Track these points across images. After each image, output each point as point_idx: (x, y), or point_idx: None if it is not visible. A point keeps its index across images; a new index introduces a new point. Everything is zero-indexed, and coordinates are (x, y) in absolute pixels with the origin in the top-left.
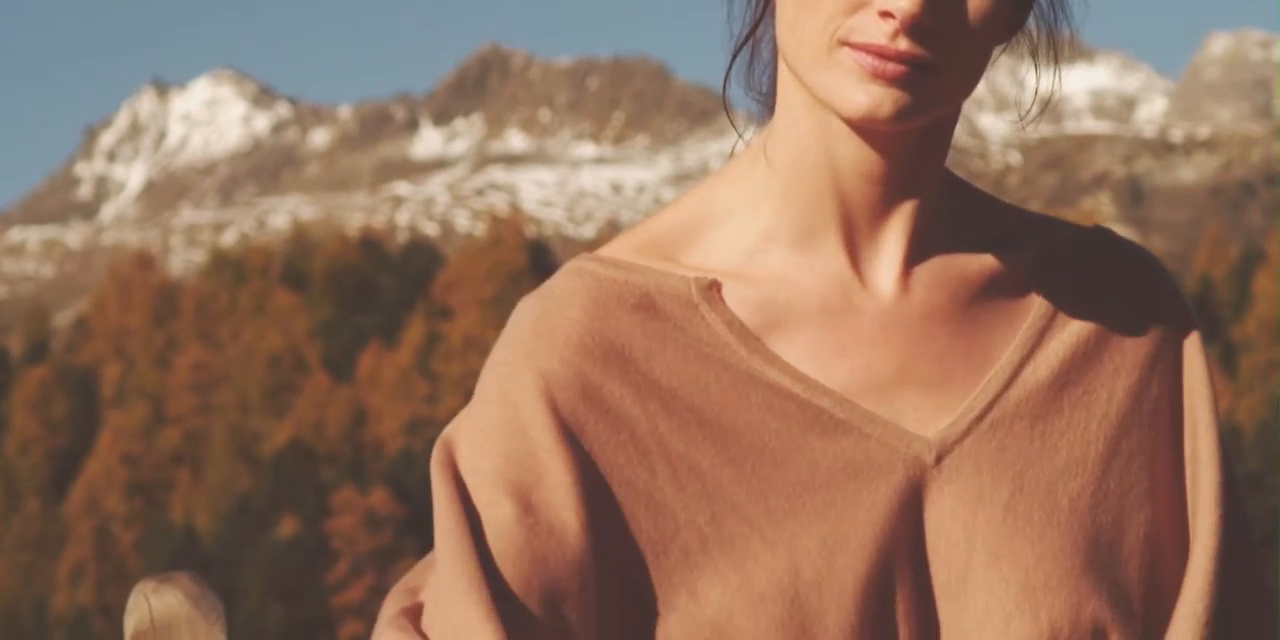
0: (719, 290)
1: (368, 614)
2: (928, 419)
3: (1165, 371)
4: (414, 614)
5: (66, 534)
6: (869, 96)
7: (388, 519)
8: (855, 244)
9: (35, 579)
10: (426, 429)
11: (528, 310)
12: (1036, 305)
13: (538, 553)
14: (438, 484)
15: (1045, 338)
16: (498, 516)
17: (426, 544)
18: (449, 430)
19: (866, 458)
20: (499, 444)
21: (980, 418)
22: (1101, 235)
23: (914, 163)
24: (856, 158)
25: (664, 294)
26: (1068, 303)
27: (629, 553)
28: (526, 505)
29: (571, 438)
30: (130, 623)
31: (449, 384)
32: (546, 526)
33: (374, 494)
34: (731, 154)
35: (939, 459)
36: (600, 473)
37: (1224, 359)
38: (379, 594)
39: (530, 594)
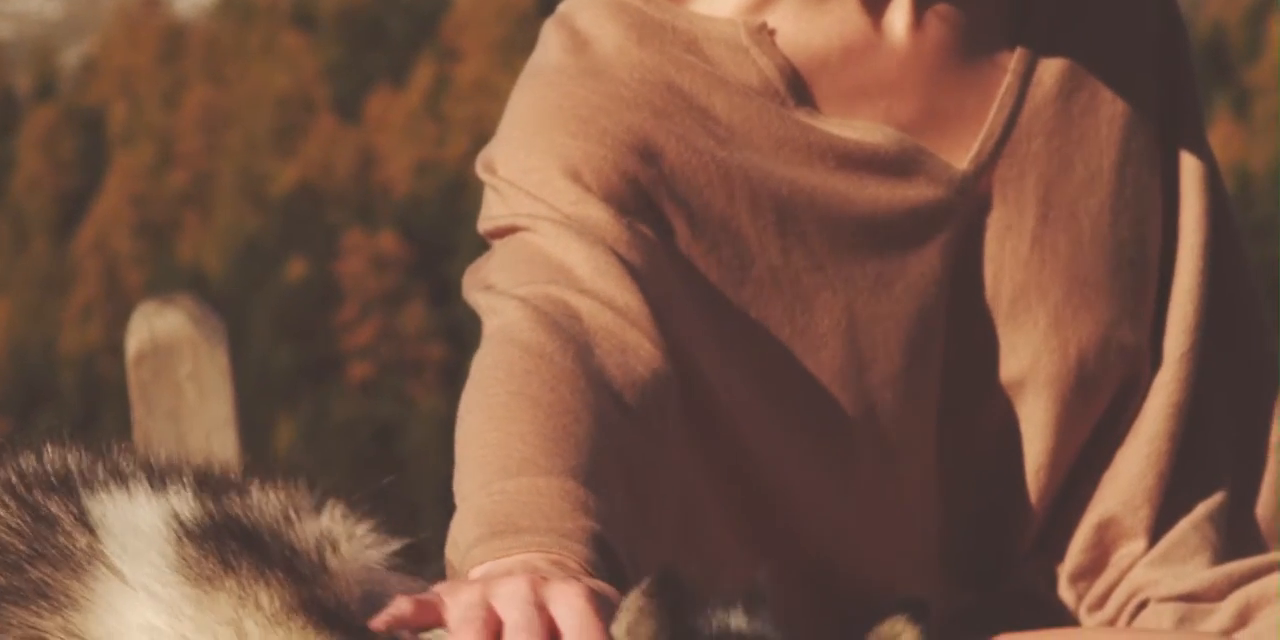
0: (771, 34)
1: (375, 356)
2: (951, 154)
3: (1154, 61)
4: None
5: (74, 274)
6: None
7: (395, 261)
8: None
9: (43, 319)
10: (435, 172)
11: (574, 38)
12: (1033, 14)
13: (643, 251)
14: (500, 184)
15: (1045, 48)
16: (590, 214)
17: (434, 287)
18: (489, 149)
19: (919, 196)
20: (571, 148)
21: (1000, 143)
22: None
23: None
24: None
25: (711, 39)
26: (1061, 5)
27: (709, 278)
28: (614, 207)
29: (651, 155)
30: (132, 344)
31: (457, 127)
32: (640, 231)
33: (382, 236)
34: None
35: (969, 191)
36: (680, 194)
37: (1236, 105)
38: (387, 336)
39: (649, 287)
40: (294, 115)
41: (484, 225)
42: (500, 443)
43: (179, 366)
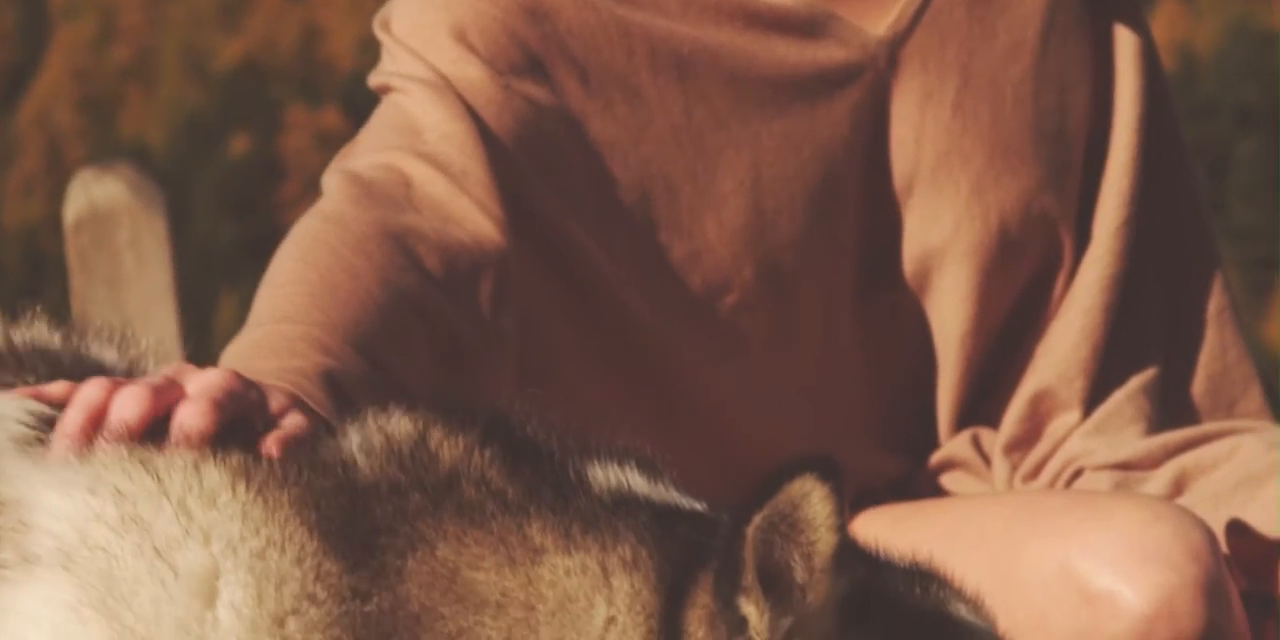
0: None
1: None
2: (871, 19)
3: None
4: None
5: (15, 148)
6: None
7: (338, 138)
8: None
9: None
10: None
11: None
12: None
13: (519, 113)
14: (389, 42)
15: None
16: (467, 74)
17: None
18: (388, 7)
19: (829, 58)
20: (463, 7)
21: (920, 10)
22: None
23: None
24: None
25: None
26: None
27: (603, 136)
28: (496, 68)
29: (545, 14)
30: (71, 212)
31: None
32: (521, 92)
33: (325, 112)
34: None
35: (888, 58)
36: (574, 52)
37: None
38: None
39: (519, 150)
40: None
41: (371, 80)
42: (268, 304)
43: (117, 234)
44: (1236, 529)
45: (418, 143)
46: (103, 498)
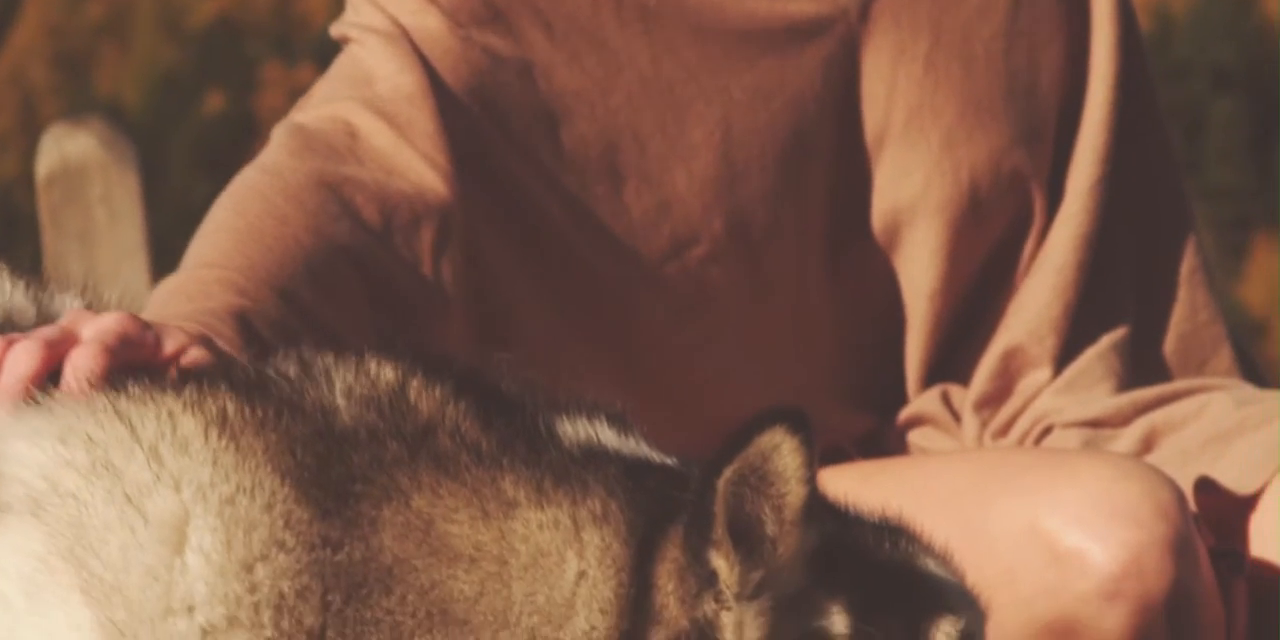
0: None
1: None
2: None
3: None
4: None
5: None
6: None
7: None
8: None
9: None
10: None
11: None
12: None
13: (476, 64)
14: (350, 4)
15: None
16: (426, 24)
17: None
18: None
19: (799, 10)
20: None
21: None
22: None
23: None
24: None
25: None
26: None
27: (573, 89)
28: (457, 19)
29: None
30: (43, 167)
31: None
32: (482, 43)
33: (301, 70)
34: None
35: (860, 12)
36: (539, 4)
37: None
38: None
39: (474, 103)
40: None
41: (332, 31)
42: (195, 251)
43: (89, 189)
44: (1205, 486)
45: (368, 93)
46: (73, 446)
